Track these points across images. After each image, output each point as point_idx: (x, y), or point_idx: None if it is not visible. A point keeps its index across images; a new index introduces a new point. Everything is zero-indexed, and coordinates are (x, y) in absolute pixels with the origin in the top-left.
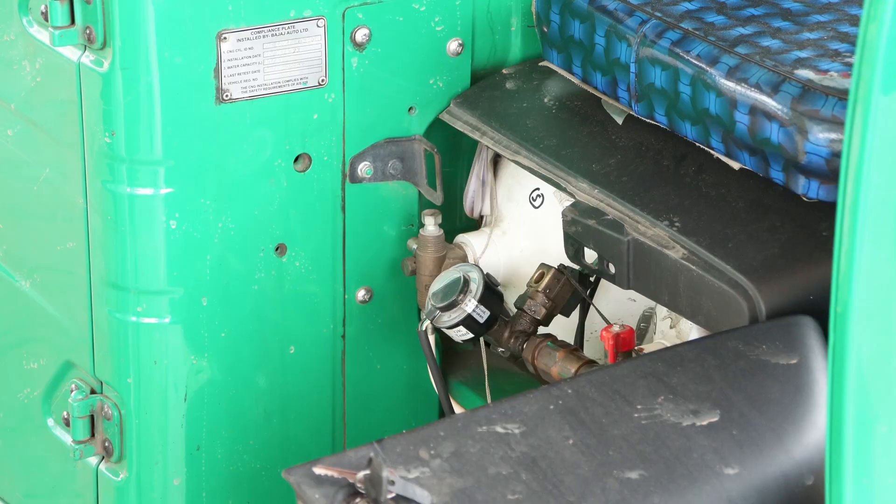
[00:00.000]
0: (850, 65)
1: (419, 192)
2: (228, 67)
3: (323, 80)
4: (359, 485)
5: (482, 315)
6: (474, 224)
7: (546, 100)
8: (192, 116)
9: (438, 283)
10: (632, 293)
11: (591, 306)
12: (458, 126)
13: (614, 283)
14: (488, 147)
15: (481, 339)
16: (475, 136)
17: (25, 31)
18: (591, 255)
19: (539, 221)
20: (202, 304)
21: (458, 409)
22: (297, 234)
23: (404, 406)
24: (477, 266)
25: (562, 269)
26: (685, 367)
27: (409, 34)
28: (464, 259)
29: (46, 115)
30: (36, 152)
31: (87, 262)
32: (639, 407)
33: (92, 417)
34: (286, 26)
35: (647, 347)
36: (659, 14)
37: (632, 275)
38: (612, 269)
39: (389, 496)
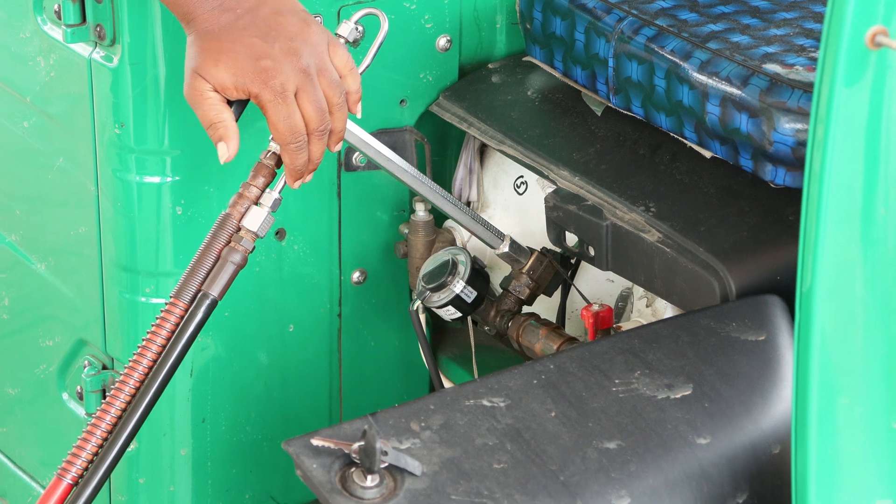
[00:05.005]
0: (814, 59)
1: None
2: None
3: None
4: (354, 455)
5: (469, 295)
6: None
7: (529, 93)
8: None
9: (428, 266)
10: (610, 274)
11: (572, 287)
12: (447, 117)
13: (594, 264)
14: (475, 137)
15: (469, 318)
16: (463, 126)
17: (40, 28)
18: (572, 239)
19: (523, 207)
20: None
21: (447, 383)
22: (295, 219)
23: (397, 381)
24: (465, 249)
25: (544, 251)
26: (660, 343)
27: (400, 31)
28: (452, 243)
29: (60, 107)
30: (50, 143)
31: (98, 245)
32: (617, 381)
33: (104, 391)
34: None
35: (625, 325)
36: (635, 12)
37: (610, 257)
38: (591, 251)
39: (382, 466)
